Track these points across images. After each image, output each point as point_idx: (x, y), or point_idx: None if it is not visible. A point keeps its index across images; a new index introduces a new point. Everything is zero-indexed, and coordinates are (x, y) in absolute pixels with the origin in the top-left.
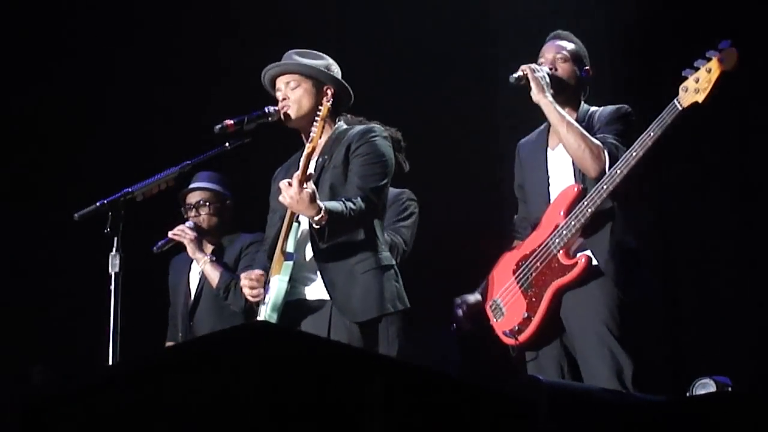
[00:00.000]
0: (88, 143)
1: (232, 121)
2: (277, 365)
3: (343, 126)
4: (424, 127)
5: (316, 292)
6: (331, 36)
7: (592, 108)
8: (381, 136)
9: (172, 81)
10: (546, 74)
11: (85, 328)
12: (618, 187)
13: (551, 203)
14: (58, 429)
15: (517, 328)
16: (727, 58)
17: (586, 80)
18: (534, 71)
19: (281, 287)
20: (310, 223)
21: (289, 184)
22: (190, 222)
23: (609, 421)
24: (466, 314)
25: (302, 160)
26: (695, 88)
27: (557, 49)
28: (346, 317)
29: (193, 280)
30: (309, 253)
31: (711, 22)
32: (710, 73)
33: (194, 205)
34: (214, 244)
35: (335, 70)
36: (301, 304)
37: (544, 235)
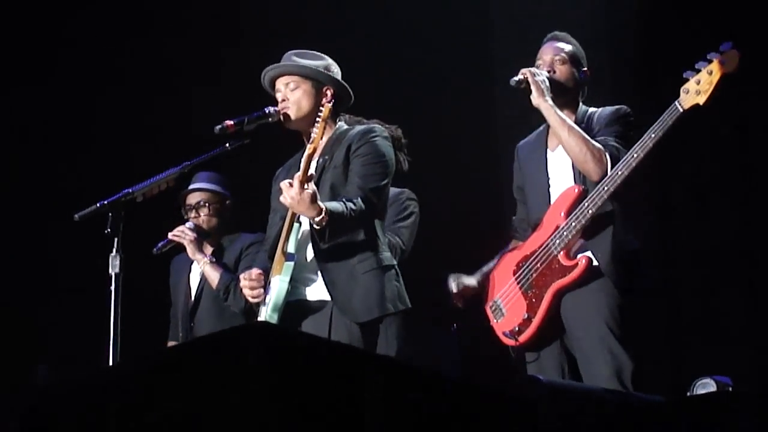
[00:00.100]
0: (88, 143)
1: (232, 122)
2: (278, 366)
3: (344, 126)
4: (423, 127)
5: (317, 293)
6: (331, 36)
7: (591, 109)
8: (381, 137)
9: (172, 81)
10: (546, 78)
11: (85, 329)
12: (619, 188)
13: (552, 204)
14: (58, 429)
15: (517, 328)
16: (729, 60)
17: (584, 81)
18: (534, 75)
19: (282, 288)
20: (311, 223)
21: (290, 185)
22: (190, 223)
23: (609, 421)
24: (459, 292)
25: (303, 161)
26: (696, 90)
27: (555, 51)
28: (347, 318)
29: (194, 281)
30: (310, 254)
31: (710, 22)
32: (711, 75)
33: (194, 206)
34: (214, 245)
35: (335, 71)
36: (302, 305)
37: (545, 236)
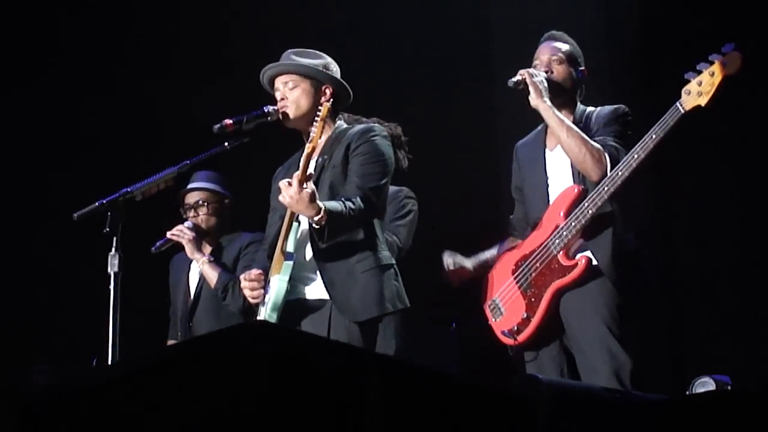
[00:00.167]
0: (87, 143)
1: (231, 121)
2: (277, 365)
3: (343, 125)
4: (422, 125)
5: (316, 292)
6: (330, 35)
7: (589, 108)
8: (381, 136)
9: (171, 80)
10: (544, 79)
11: (84, 328)
12: (619, 188)
13: (551, 204)
14: (58, 429)
15: (516, 328)
16: (731, 61)
17: (581, 80)
18: (532, 76)
19: (281, 287)
20: (310, 223)
21: (289, 184)
22: (189, 222)
23: (609, 420)
24: (455, 270)
25: (302, 160)
26: (698, 91)
27: (552, 51)
28: (346, 317)
29: (193, 280)
30: (309, 253)
31: (709, 22)
32: (713, 76)
33: (193, 206)
34: (213, 244)
35: (334, 70)
36: (301, 304)
37: (544, 236)
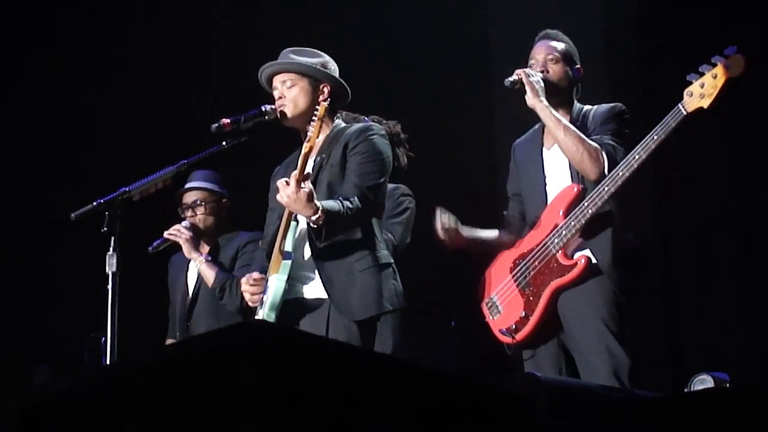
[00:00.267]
0: (85, 142)
1: (229, 120)
2: (275, 364)
3: (342, 124)
4: (420, 123)
5: (315, 291)
6: (329, 34)
7: (586, 107)
8: (379, 135)
9: (168, 80)
10: (540, 78)
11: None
12: (620, 188)
13: (550, 203)
14: (58, 429)
15: (514, 326)
16: (734, 64)
17: (577, 79)
18: (528, 76)
19: (279, 286)
20: (308, 222)
21: (287, 183)
22: (187, 222)
23: (607, 418)
24: (449, 230)
25: (300, 160)
26: (700, 94)
27: (548, 50)
28: (345, 316)
29: (191, 280)
30: (307, 252)
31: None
32: (716, 79)
33: (190, 205)
34: (210, 244)
35: (332, 68)
36: (300, 303)
37: (543, 235)
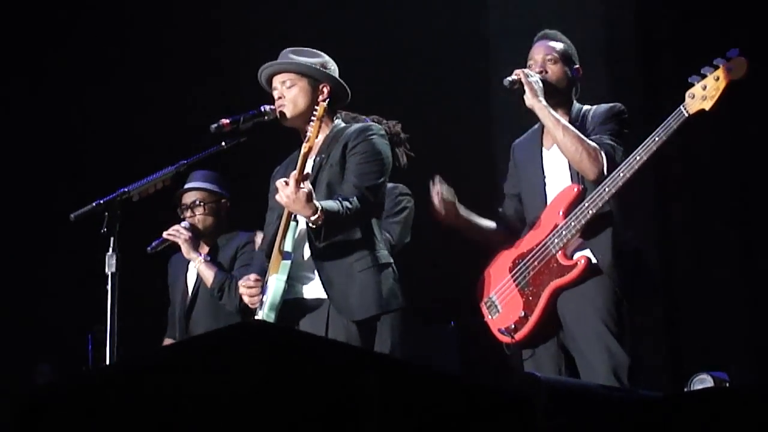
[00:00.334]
0: (84, 143)
1: (228, 121)
2: (274, 364)
3: (341, 124)
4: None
5: (314, 291)
6: (328, 34)
7: (585, 107)
8: (378, 135)
9: (168, 80)
10: (539, 79)
11: (82, 329)
12: (620, 189)
13: (550, 203)
14: (58, 429)
15: (513, 326)
16: (736, 67)
17: (576, 79)
18: (527, 76)
19: (279, 286)
20: (307, 222)
21: (286, 183)
22: (186, 222)
23: (606, 417)
24: (444, 200)
25: (299, 160)
26: (702, 96)
27: (546, 50)
28: (344, 316)
29: (191, 280)
30: (306, 252)
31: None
32: (718, 81)
33: (189, 206)
34: (210, 244)
35: (332, 68)
36: (299, 303)
37: (542, 235)
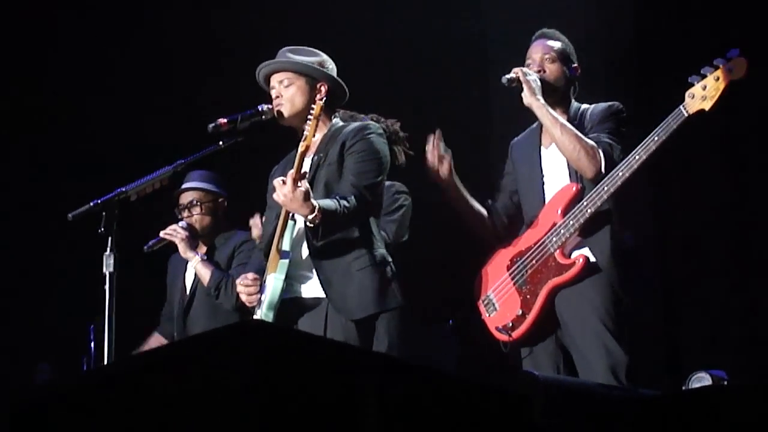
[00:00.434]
0: (82, 143)
1: (226, 120)
2: (273, 364)
3: (339, 123)
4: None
5: (312, 290)
6: (326, 33)
7: (583, 106)
8: (376, 134)
9: (166, 79)
10: (537, 78)
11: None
12: (619, 188)
13: (548, 202)
14: (57, 428)
15: (510, 324)
16: (736, 67)
17: (574, 78)
18: (526, 75)
19: (277, 285)
20: (305, 221)
21: (284, 182)
22: (183, 222)
23: (605, 416)
24: (439, 157)
25: (296, 159)
26: (702, 96)
27: (545, 49)
28: (342, 315)
29: (189, 279)
30: (305, 251)
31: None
32: (718, 81)
33: (187, 205)
34: (207, 244)
35: (329, 67)
36: (297, 302)
37: (541, 233)
